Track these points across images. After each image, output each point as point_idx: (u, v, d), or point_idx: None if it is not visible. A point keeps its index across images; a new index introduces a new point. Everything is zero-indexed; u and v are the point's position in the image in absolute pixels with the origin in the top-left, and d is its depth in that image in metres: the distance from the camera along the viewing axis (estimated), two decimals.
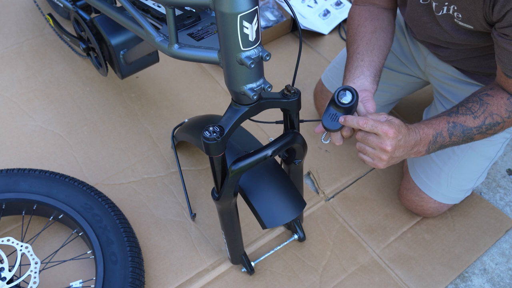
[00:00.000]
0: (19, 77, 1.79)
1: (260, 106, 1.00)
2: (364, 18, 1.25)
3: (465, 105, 1.09)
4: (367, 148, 1.02)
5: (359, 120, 0.98)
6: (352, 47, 1.22)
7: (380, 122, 0.98)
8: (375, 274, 1.37)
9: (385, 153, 1.00)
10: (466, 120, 1.07)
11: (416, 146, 1.04)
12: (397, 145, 1.00)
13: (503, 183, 1.60)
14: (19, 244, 1.22)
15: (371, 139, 1.00)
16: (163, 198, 1.49)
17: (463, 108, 1.08)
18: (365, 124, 0.98)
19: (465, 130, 1.07)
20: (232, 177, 1.02)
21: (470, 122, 1.07)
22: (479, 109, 1.07)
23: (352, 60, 1.19)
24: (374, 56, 1.19)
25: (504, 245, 1.46)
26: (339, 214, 1.49)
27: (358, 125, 0.98)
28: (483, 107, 1.07)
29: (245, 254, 1.32)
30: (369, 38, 1.21)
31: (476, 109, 1.07)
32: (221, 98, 1.77)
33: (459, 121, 1.07)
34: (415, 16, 1.21)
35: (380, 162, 1.02)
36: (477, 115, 1.07)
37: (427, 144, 1.06)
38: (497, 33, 1.00)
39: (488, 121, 1.07)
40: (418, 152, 1.06)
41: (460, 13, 1.07)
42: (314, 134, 1.68)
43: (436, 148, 1.08)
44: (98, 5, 1.32)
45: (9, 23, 1.97)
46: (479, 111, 1.07)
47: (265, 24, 1.97)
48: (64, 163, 1.55)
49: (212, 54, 0.97)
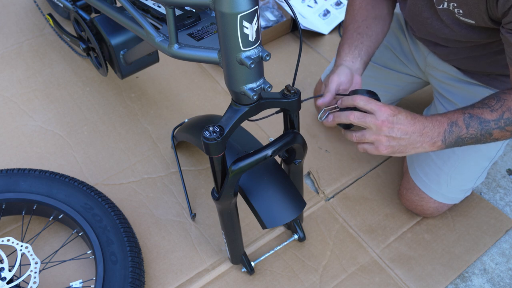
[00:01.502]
0: (19, 77, 1.79)
1: (260, 106, 1.00)
2: (366, 2, 1.26)
3: (481, 101, 1.04)
4: (365, 133, 1.00)
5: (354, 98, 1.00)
6: (353, 25, 1.22)
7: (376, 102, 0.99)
8: (375, 274, 1.37)
9: (382, 131, 0.98)
10: (483, 112, 1.00)
11: (428, 133, 1.00)
12: (396, 123, 0.97)
13: (503, 183, 1.60)
14: (19, 244, 1.22)
15: (369, 119, 0.98)
16: (163, 198, 1.49)
17: (478, 104, 1.03)
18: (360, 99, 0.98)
19: (483, 122, 1.00)
20: (232, 177, 1.02)
21: (487, 114, 1.00)
22: (496, 103, 1.01)
23: (352, 37, 1.18)
24: (371, 42, 1.19)
25: (504, 245, 1.46)
26: (339, 214, 1.49)
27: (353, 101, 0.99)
28: (500, 102, 1.01)
29: (245, 254, 1.32)
30: (370, 23, 1.22)
31: (493, 104, 1.01)
32: (221, 98, 1.77)
33: (475, 113, 1.01)
34: (415, 11, 1.20)
35: (381, 144, 1.00)
36: (494, 108, 1.01)
37: (442, 133, 1.00)
38: (505, 30, 0.98)
39: (507, 115, 1.00)
40: (434, 143, 1.01)
41: (460, 8, 1.06)
42: (314, 134, 1.68)
43: (453, 139, 1.01)
44: (98, 5, 1.32)
45: (9, 23, 1.97)
46: (496, 105, 1.01)
47: (265, 24, 1.97)
48: (64, 163, 1.55)
49: (212, 54, 0.97)
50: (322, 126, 1.69)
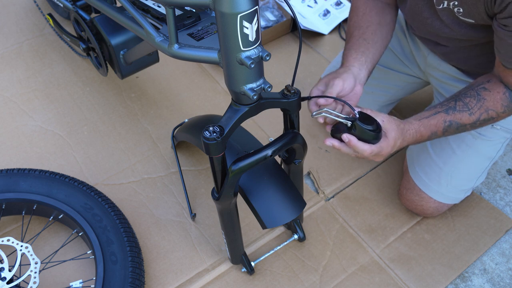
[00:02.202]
0: (19, 77, 1.79)
1: (260, 106, 1.00)
2: (369, 8, 1.26)
3: (463, 99, 1.12)
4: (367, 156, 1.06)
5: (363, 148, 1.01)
6: (358, 31, 1.23)
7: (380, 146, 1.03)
8: (375, 274, 1.37)
9: (382, 157, 1.08)
10: (462, 117, 1.11)
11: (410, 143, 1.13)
12: (393, 149, 1.07)
13: (503, 183, 1.60)
14: (19, 244, 1.22)
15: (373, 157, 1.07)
16: (163, 198, 1.49)
17: (460, 104, 1.11)
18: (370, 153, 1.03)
19: (460, 127, 1.12)
20: (232, 177, 1.02)
21: (466, 119, 1.11)
22: (476, 104, 1.10)
23: (359, 43, 1.19)
24: (377, 50, 1.21)
25: (504, 245, 1.46)
26: (339, 214, 1.49)
27: (362, 152, 1.02)
28: (480, 102, 1.10)
29: (245, 254, 1.32)
30: (375, 29, 1.22)
31: (473, 105, 1.10)
32: (221, 98, 1.77)
33: (455, 119, 1.11)
34: (415, 11, 1.21)
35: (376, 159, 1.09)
36: (473, 111, 1.10)
37: (419, 141, 1.14)
38: (497, 23, 1.01)
39: (483, 116, 1.11)
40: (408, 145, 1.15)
41: (460, 7, 1.07)
42: (314, 134, 1.68)
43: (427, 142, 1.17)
44: (98, 5, 1.32)
45: (9, 23, 1.97)
46: (475, 107, 1.10)
47: (265, 24, 1.97)
48: (64, 163, 1.55)
49: (212, 54, 0.97)
50: (322, 126, 1.69)
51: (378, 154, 1.04)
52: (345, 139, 1.01)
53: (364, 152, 1.02)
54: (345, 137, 1.01)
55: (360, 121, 0.99)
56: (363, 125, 0.99)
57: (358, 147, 1.01)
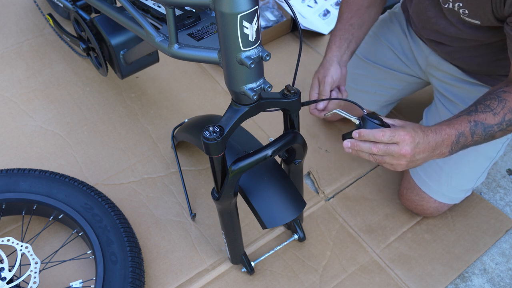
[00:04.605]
0: (19, 77, 1.79)
1: (260, 106, 1.00)
2: None
3: (483, 102, 1.07)
4: (386, 159, 1.01)
5: (376, 133, 0.98)
6: (347, 14, 1.32)
7: (395, 129, 0.98)
8: (375, 274, 1.37)
9: (404, 158, 1.00)
10: (487, 117, 1.04)
11: (438, 148, 1.03)
12: (416, 149, 0.99)
13: (503, 183, 1.60)
14: (19, 244, 1.22)
15: (392, 148, 0.99)
16: (163, 198, 1.49)
17: (481, 106, 1.06)
18: (383, 136, 0.97)
19: (486, 128, 1.05)
20: (232, 177, 1.02)
21: (491, 119, 1.04)
22: (498, 105, 1.05)
23: (345, 29, 1.30)
24: (362, 32, 1.32)
25: (504, 245, 1.46)
26: (339, 214, 1.49)
27: (375, 138, 0.98)
28: (501, 103, 1.05)
29: (245, 254, 1.32)
30: (363, 12, 1.31)
31: (495, 106, 1.05)
32: (221, 98, 1.77)
33: (479, 119, 1.04)
34: (421, 10, 1.21)
35: (399, 166, 1.02)
36: (496, 111, 1.05)
37: (449, 145, 1.04)
38: (509, 27, 1.00)
39: (508, 117, 1.04)
40: (441, 154, 1.05)
41: (466, 9, 1.06)
42: (314, 134, 1.68)
43: (459, 148, 1.06)
44: (98, 5, 1.32)
45: (9, 23, 1.97)
46: (498, 107, 1.05)
47: (265, 24, 1.97)
48: (64, 163, 1.55)
49: (212, 54, 0.97)
50: (322, 126, 1.69)
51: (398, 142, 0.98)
52: (355, 134, 1.01)
53: (377, 136, 0.97)
54: (354, 133, 1.01)
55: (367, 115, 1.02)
56: (370, 119, 1.01)
57: (370, 134, 0.98)
